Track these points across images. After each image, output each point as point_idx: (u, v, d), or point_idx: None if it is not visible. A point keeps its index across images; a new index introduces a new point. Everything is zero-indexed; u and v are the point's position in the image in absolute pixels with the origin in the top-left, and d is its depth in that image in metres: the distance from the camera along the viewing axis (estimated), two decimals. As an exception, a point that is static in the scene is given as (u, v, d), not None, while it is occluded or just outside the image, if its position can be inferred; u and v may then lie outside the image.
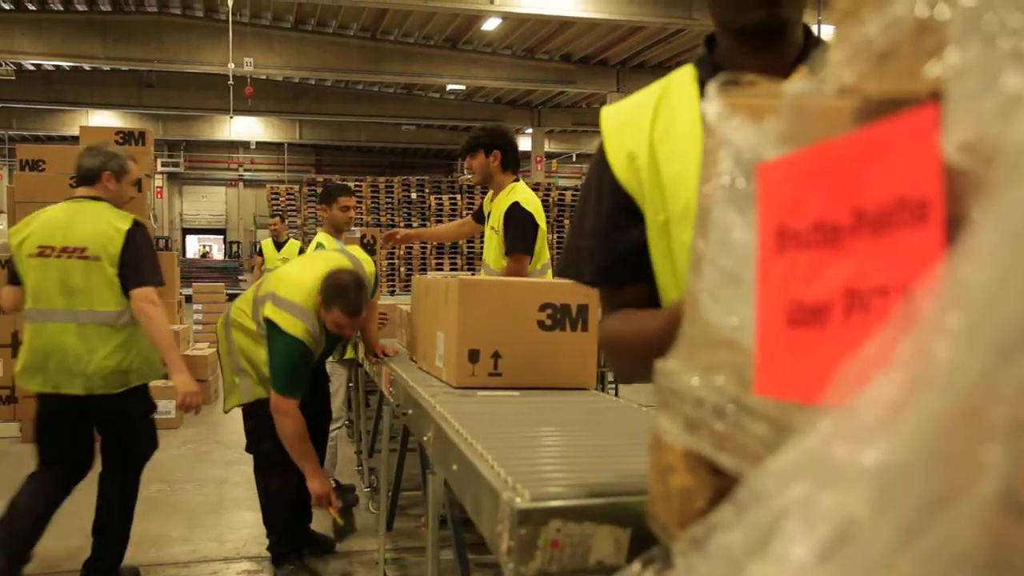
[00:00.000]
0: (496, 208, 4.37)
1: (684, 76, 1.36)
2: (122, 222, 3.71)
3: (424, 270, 18.90)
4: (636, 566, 0.90)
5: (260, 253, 10.71)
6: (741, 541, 0.66)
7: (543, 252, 4.43)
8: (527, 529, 1.37)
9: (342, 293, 3.53)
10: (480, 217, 4.90)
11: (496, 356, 2.81)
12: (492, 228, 4.39)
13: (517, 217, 4.22)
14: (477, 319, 2.80)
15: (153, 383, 7.44)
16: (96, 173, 3.76)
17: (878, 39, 0.55)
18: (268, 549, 4.03)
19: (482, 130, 4.45)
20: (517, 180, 4.45)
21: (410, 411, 2.74)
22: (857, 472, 0.48)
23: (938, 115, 0.52)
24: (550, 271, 4.59)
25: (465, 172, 26.76)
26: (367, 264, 4.04)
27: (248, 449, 4.05)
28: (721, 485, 0.81)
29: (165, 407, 7.28)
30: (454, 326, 2.83)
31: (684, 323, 0.82)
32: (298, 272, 3.79)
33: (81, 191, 3.80)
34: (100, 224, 3.68)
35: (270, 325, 3.63)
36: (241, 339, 3.86)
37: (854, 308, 0.55)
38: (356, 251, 4.21)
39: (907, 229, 0.51)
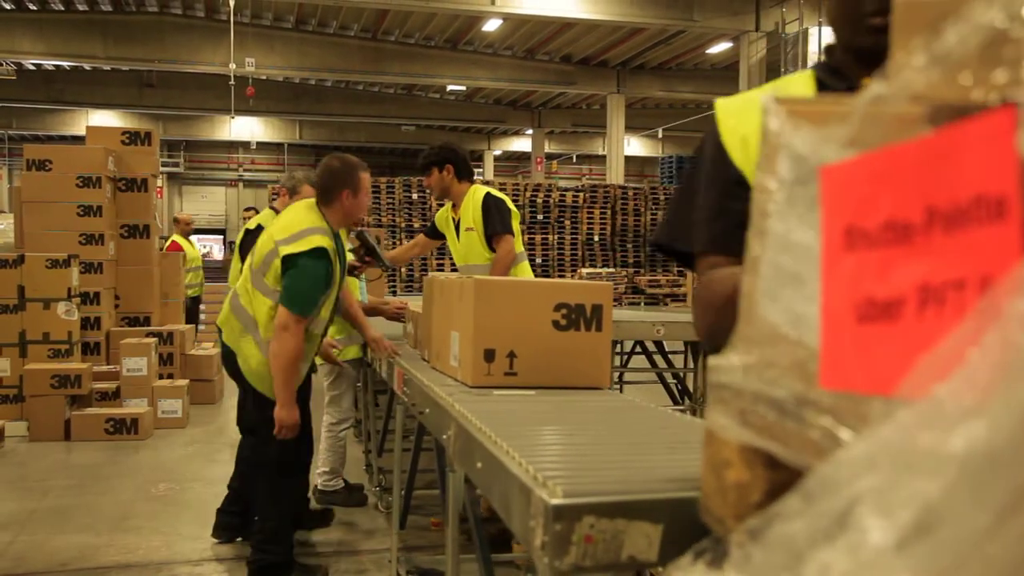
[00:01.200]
0: (466, 210, 4.68)
1: (803, 76, 1.50)
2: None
3: (425, 271, 18.92)
4: (687, 558, 0.93)
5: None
6: (804, 530, 0.68)
7: (518, 240, 4.70)
8: (562, 525, 1.40)
9: (345, 168, 3.73)
10: (435, 233, 5.12)
11: (511, 355, 2.83)
12: (468, 229, 4.69)
13: (494, 204, 4.60)
14: (493, 319, 2.82)
15: (158, 383, 7.46)
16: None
17: (953, 49, 0.58)
18: (260, 559, 3.82)
19: (431, 149, 4.80)
20: (473, 183, 4.78)
21: (427, 410, 2.76)
22: (943, 459, 0.50)
23: (1014, 117, 0.54)
24: (525, 264, 4.73)
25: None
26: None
27: (254, 454, 3.98)
28: (777, 479, 0.83)
29: (172, 407, 7.30)
30: (470, 326, 2.85)
31: (740, 323, 0.85)
32: (286, 215, 3.85)
33: None
34: None
35: (288, 261, 3.58)
36: (260, 308, 3.75)
37: (929, 302, 0.58)
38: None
39: (984, 225, 0.54)
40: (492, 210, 4.61)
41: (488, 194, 4.66)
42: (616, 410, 2.55)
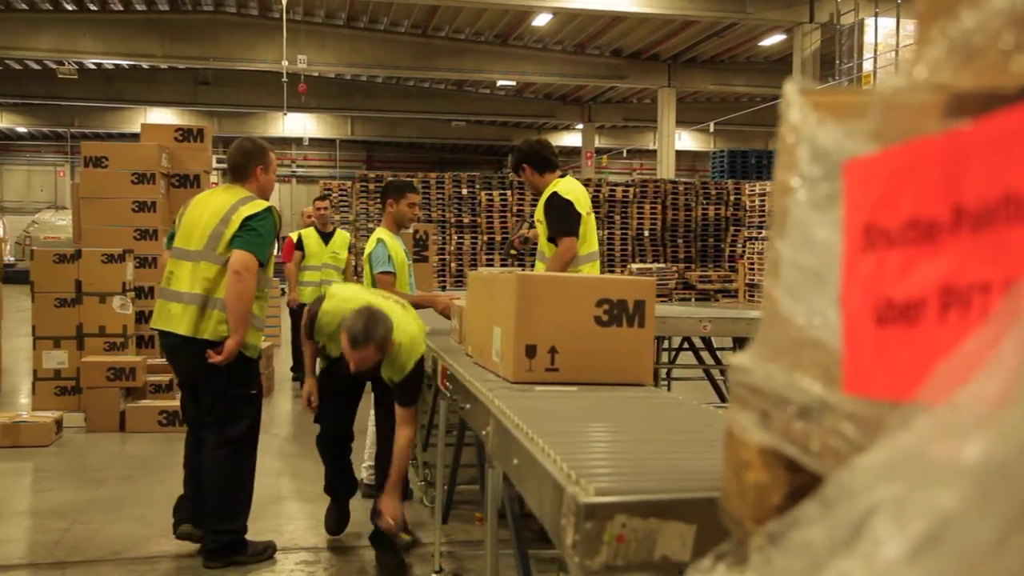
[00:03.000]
0: (539, 203, 4.77)
1: None
2: None
3: (474, 266, 18.98)
4: (708, 560, 0.91)
5: (300, 247, 8.38)
6: (824, 537, 0.66)
7: (589, 240, 4.66)
8: (593, 524, 1.38)
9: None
10: None
11: (553, 351, 2.82)
12: (539, 221, 4.78)
13: (555, 203, 4.57)
14: (534, 314, 2.81)
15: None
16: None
17: (973, 34, 0.55)
18: (215, 539, 4.03)
19: (511, 154, 5.02)
20: (562, 176, 4.77)
21: (468, 406, 2.76)
22: (956, 469, 0.48)
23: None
24: (597, 263, 4.70)
25: (515, 168, 26.87)
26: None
27: (219, 433, 4.08)
28: (797, 482, 0.81)
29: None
30: (511, 321, 2.84)
31: (762, 324, 0.83)
32: (210, 201, 4.15)
33: None
34: None
35: (245, 221, 3.97)
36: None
37: (952, 305, 0.55)
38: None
39: (1012, 226, 0.51)
40: (553, 211, 4.58)
41: (554, 193, 4.60)
42: (658, 407, 2.53)
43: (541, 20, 20.07)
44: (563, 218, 4.53)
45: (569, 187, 4.64)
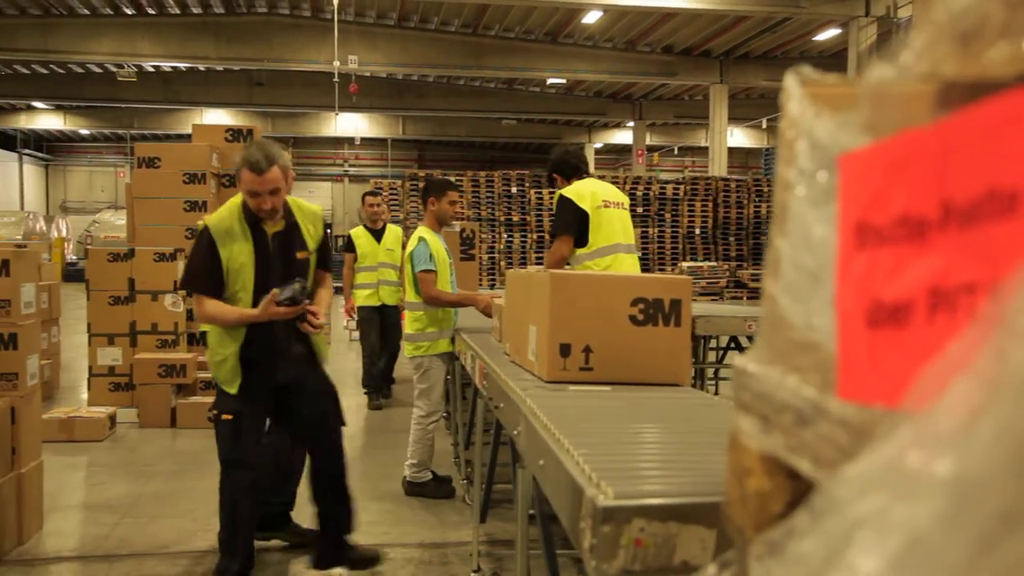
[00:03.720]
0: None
1: None
2: None
3: (524, 264, 18.98)
4: (712, 568, 0.88)
5: (350, 248, 7.86)
6: (818, 549, 0.63)
7: (602, 234, 4.67)
8: (610, 527, 1.36)
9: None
10: None
11: (587, 350, 2.79)
12: None
13: (559, 205, 4.75)
14: (569, 313, 2.79)
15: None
16: None
17: (962, 19, 0.52)
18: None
19: (546, 166, 5.15)
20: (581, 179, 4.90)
21: (502, 405, 2.75)
22: (931, 483, 0.45)
23: (1030, 99, 0.48)
24: (624, 256, 4.66)
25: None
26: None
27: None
28: (799, 490, 0.78)
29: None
30: (546, 320, 2.82)
31: (763, 325, 0.79)
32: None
33: None
34: None
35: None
36: None
37: (939, 307, 0.52)
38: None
39: (996, 222, 0.48)
40: (557, 211, 4.78)
41: (560, 195, 4.77)
42: (691, 407, 2.48)
43: (591, 18, 19.97)
44: (558, 217, 4.72)
45: (576, 187, 4.76)
